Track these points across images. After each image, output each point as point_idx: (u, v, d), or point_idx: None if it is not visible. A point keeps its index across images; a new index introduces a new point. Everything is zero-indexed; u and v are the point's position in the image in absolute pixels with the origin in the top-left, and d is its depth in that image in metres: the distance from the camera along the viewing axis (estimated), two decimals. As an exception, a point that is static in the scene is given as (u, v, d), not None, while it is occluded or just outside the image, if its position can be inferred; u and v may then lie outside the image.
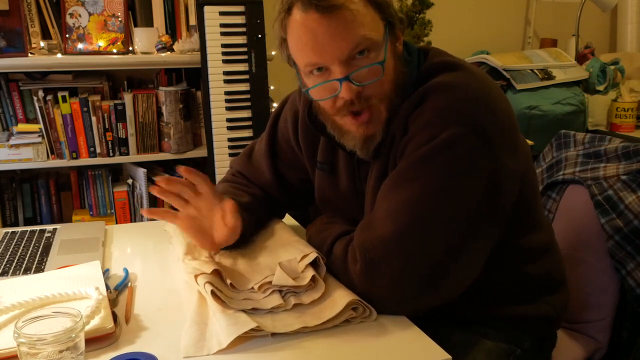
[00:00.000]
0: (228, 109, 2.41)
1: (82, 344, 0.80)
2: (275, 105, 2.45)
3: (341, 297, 0.94)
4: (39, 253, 1.24)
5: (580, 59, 3.09)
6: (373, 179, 1.08)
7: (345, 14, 0.94)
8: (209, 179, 1.11)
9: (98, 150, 2.39)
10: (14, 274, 1.15)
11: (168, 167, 2.60)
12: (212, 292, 0.95)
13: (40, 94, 2.30)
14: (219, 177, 2.33)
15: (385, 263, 0.94)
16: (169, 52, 2.44)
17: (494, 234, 1.00)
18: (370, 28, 0.97)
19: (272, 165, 1.28)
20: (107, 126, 2.38)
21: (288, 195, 1.31)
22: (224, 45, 2.36)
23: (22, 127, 2.33)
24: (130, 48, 2.43)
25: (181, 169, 1.07)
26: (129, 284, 1.10)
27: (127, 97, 2.40)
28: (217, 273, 1.01)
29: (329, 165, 1.19)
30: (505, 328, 1.11)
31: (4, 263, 1.20)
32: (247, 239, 1.18)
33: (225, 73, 2.38)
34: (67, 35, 2.34)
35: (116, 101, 2.41)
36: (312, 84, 1.01)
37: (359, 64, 0.97)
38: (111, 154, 2.41)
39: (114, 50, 2.39)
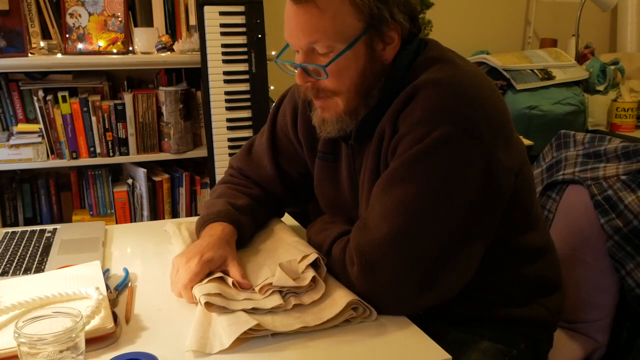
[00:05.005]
0: (228, 109, 2.41)
1: (83, 344, 0.80)
2: (275, 105, 2.45)
3: (341, 297, 0.95)
4: (39, 253, 1.24)
5: (580, 59, 3.08)
6: (366, 173, 1.08)
7: (311, 9, 0.98)
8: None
9: (98, 150, 2.39)
10: (14, 274, 1.15)
11: (168, 167, 2.60)
12: (207, 303, 0.94)
13: (40, 94, 2.29)
14: (219, 177, 2.33)
15: (382, 265, 0.94)
16: (169, 52, 2.44)
17: (490, 232, 1.00)
18: (335, 29, 0.98)
19: (274, 159, 1.29)
20: (107, 126, 2.38)
21: (289, 190, 1.31)
22: (224, 45, 2.36)
23: (22, 127, 2.33)
24: (130, 48, 2.43)
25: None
26: (129, 284, 1.10)
27: (127, 97, 2.40)
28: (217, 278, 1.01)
29: (332, 155, 1.19)
30: (500, 329, 1.11)
31: (4, 263, 1.20)
32: (245, 240, 1.18)
33: (225, 73, 2.38)
34: (67, 35, 2.34)
35: (116, 101, 2.41)
36: (289, 56, 1.08)
37: (314, 60, 1.02)
38: (111, 154, 2.41)
39: (114, 50, 2.39)
